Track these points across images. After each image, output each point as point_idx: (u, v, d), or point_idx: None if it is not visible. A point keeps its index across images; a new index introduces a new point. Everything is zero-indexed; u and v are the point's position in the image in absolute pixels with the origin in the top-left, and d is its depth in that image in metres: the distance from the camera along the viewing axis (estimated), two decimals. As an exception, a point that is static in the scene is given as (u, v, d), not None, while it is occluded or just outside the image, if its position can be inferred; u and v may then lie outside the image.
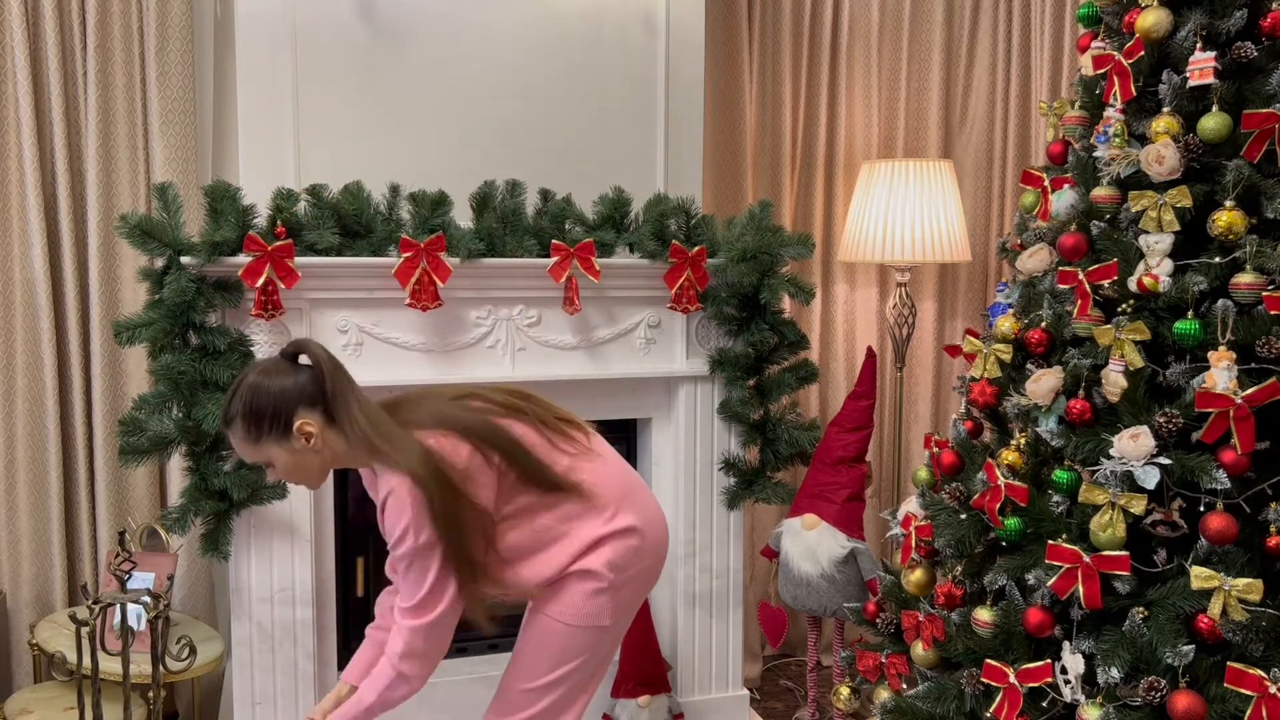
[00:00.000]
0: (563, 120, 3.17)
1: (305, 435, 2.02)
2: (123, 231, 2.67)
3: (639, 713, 3.07)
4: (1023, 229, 2.48)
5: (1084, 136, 2.33)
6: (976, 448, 2.43)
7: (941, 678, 2.29)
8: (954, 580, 2.29)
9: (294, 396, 2.01)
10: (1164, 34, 2.14)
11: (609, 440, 2.34)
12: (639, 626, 3.06)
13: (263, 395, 2.01)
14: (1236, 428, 1.91)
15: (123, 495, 3.24)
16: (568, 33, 3.15)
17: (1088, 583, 1.98)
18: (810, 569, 3.08)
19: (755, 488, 3.21)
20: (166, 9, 3.17)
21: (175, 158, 3.21)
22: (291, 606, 2.90)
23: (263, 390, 2.01)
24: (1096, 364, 2.12)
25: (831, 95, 3.83)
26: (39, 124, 3.10)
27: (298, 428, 2.01)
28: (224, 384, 2.73)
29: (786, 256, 3.03)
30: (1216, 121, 2.06)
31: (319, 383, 2.03)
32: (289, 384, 2.02)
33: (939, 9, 3.90)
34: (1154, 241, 2.07)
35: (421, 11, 3.03)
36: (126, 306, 3.18)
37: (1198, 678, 1.90)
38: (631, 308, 3.11)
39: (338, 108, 2.98)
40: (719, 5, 3.62)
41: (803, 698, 3.67)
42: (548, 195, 3.03)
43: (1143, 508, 1.97)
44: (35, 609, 3.18)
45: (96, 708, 2.45)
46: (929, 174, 3.55)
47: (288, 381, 2.02)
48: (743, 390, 3.17)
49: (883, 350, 3.92)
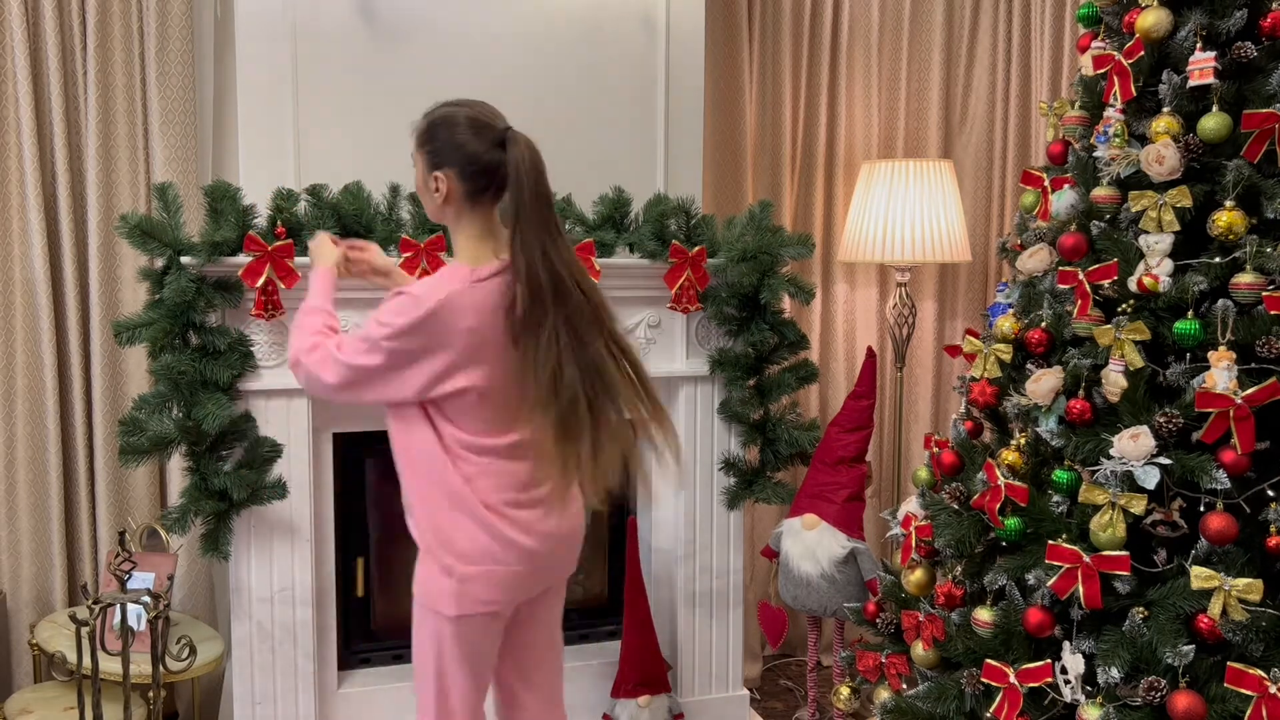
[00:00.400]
0: (563, 120, 3.17)
1: (437, 185, 2.06)
2: (123, 231, 2.68)
3: (639, 713, 3.07)
4: (1023, 229, 2.48)
5: (1084, 136, 2.33)
6: (976, 448, 2.43)
7: (941, 678, 2.29)
8: (954, 580, 2.29)
9: (458, 159, 2.03)
10: (1164, 34, 2.14)
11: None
12: (639, 626, 3.07)
13: (446, 130, 2.05)
14: (1236, 428, 1.91)
15: (123, 495, 3.24)
16: (568, 33, 3.15)
17: (1088, 583, 1.98)
18: (810, 569, 3.08)
19: (755, 488, 3.21)
20: (166, 9, 3.17)
21: (175, 158, 3.21)
22: (291, 606, 2.90)
23: (451, 127, 2.04)
24: (1096, 364, 2.12)
25: (831, 95, 3.83)
26: (39, 124, 3.10)
27: (435, 176, 2.06)
28: (224, 384, 2.73)
29: (786, 256, 3.03)
30: (1216, 121, 2.06)
31: (491, 174, 2.03)
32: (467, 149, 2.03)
33: (939, 9, 3.90)
34: (1154, 241, 2.07)
35: (421, 11, 3.03)
36: (126, 306, 3.18)
37: (1198, 678, 1.90)
38: (631, 308, 3.11)
39: (338, 108, 2.98)
40: (719, 5, 3.62)
41: (803, 698, 3.67)
42: (548, 195, 3.03)
43: (1143, 508, 1.97)
44: (35, 609, 3.18)
45: (96, 708, 2.45)
46: (929, 174, 3.55)
47: (471, 147, 2.03)
48: (743, 390, 3.17)
49: (883, 350, 3.92)
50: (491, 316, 2.02)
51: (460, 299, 2.00)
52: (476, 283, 2.02)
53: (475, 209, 2.07)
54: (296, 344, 2.13)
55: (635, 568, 3.08)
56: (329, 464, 2.97)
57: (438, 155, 2.06)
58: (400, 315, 1.98)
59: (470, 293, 2.01)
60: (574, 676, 3.23)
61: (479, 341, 2.01)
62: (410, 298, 1.99)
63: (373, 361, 2.01)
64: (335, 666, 3.04)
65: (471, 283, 2.02)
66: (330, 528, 2.99)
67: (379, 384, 2.03)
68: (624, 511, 3.36)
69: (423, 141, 2.09)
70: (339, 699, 3.03)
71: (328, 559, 2.99)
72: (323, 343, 2.10)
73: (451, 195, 2.06)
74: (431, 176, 2.07)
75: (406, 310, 1.98)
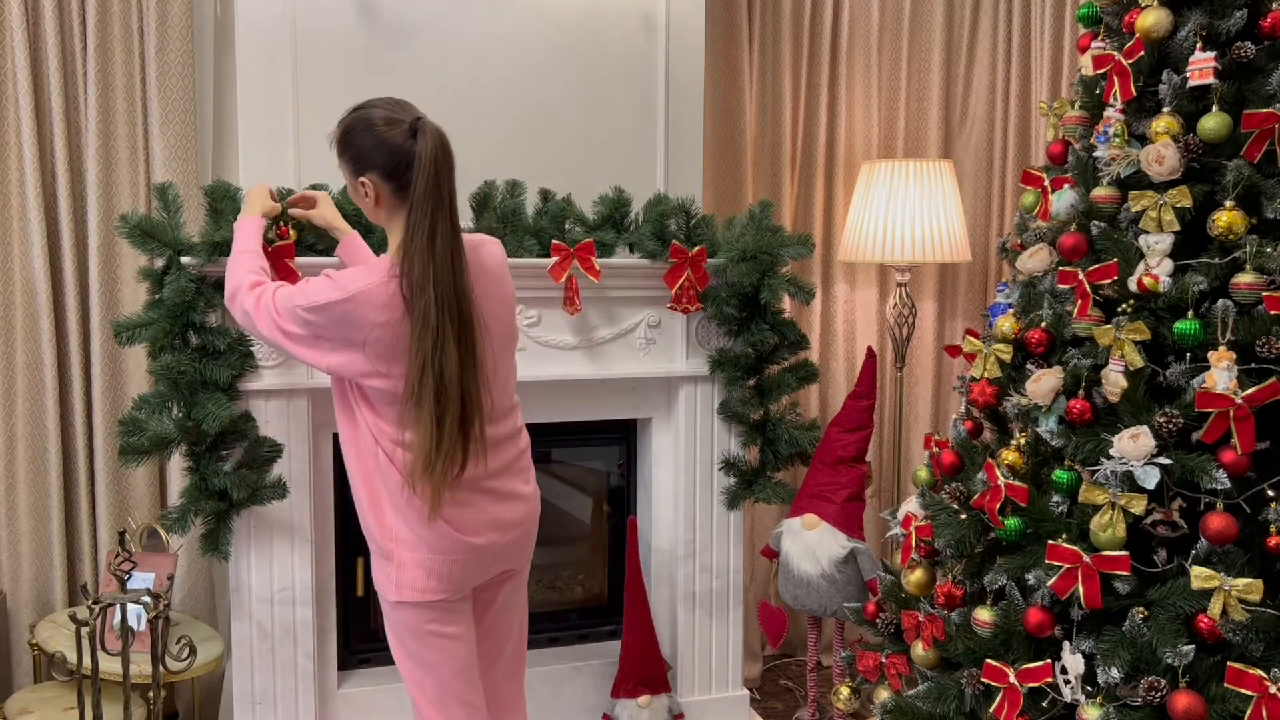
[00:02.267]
0: (563, 120, 3.17)
1: (364, 190, 2.08)
2: (123, 231, 2.68)
3: (639, 713, 3.07)
4: (1023, 229, 2.48)
5: (1084, 136, 2.33)
6: (976, 448, 2.43)
7: (941, 678, 2.29)
8: (954, 580, 2.29)
9: (378, 159, 2.04)
10: (1164, 34, 2.14)
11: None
12: (639, 626, 3.07)
13: (358, 136, 2.06)
14: (1236, 428, 1.91)
15: (123, 495, 3.24)
16: (568, 33, 3.15)
17: (1088, 583, 1.98)
18: (810, 569, 3.08)
19: (755, 488, 3.21)
20: (166, 9, 3.17)
21: (175, 158, 3.21)
22: (291, 606, 2.90)
23: (362, 132, 2.05)
24: (1096, 364, 2.12)
25: (831, 95, 3.83)
26: (39, 124, 3.10)
27: (361, 182, 2.08)
28: (224, 384, 2.73)
29: (786, 256, 3.03)
30: (1216, 121, 2.06)
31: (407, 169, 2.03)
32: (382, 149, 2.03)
33: (939, 9, 3.90)
34: (1154, 241, 2.07)
35: (421, 11, 3.03)
36: (126, 306, 3.18)
37: (1198, 678, 1.90)
38: (631, 308, 3.11)
39: (338, 108, 2.94)
40: (719, 5, 3.62)
41: (803, 698, 3.67)
42: (548, 195, 3.03)
43: (1143, 508, 1.97)
44: (35, 609, 3.18)
45: (96, 708, 2.45)
46: (929, 174, 3.55)
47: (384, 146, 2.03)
48: (743, 390, 3.17)
49: (883, 350, 3.92)
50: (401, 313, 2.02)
51: (376, 293, 2.00)
52: (394, 277, 2.02)
53: (404, 206, 2.06)
54: (234, 280, 2.18)
55: (635, 568, 3.08)
56: (329, 464, 2.97)
57: (358, 160, 2.07)
58: (319, 294, 2.01)
59: (388, 285, 2.01)
60: (574, 676, 3.24)
61: (391, 336, 2.01)
62: (332, 281, 2.03)
63: (291, 328, 2.06)
64: (335, 666, 3.04)
65: (390, 276, 2.02)
66: (330, 528, 2.99)
67: (300, 349, 2.07)
68: (624, 511, 3.36)
69: (342, 150, 2.10)
70: (339, 699, 3.03)
71: (328, 559, 2.99)
72: (260, 286, 2.14)
73: (381, 196, 2.08)
74: (359, 183, 2.08)
75: (326, 291, 2.01)
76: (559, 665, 3.23)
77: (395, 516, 2.12)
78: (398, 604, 2.14)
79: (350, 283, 2.01)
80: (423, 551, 2.11)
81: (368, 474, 2.14)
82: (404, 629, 2.17)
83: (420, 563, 2.12)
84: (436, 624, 2.15)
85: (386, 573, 2.15)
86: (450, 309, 1.99)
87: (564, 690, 3.21)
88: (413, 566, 2.12)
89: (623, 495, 3.39)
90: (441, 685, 2.18)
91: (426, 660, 2.17)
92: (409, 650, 2.18)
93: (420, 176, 2.00)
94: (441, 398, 1.99)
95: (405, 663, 2.20)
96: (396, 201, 2.07)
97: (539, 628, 3.25)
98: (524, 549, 2.27)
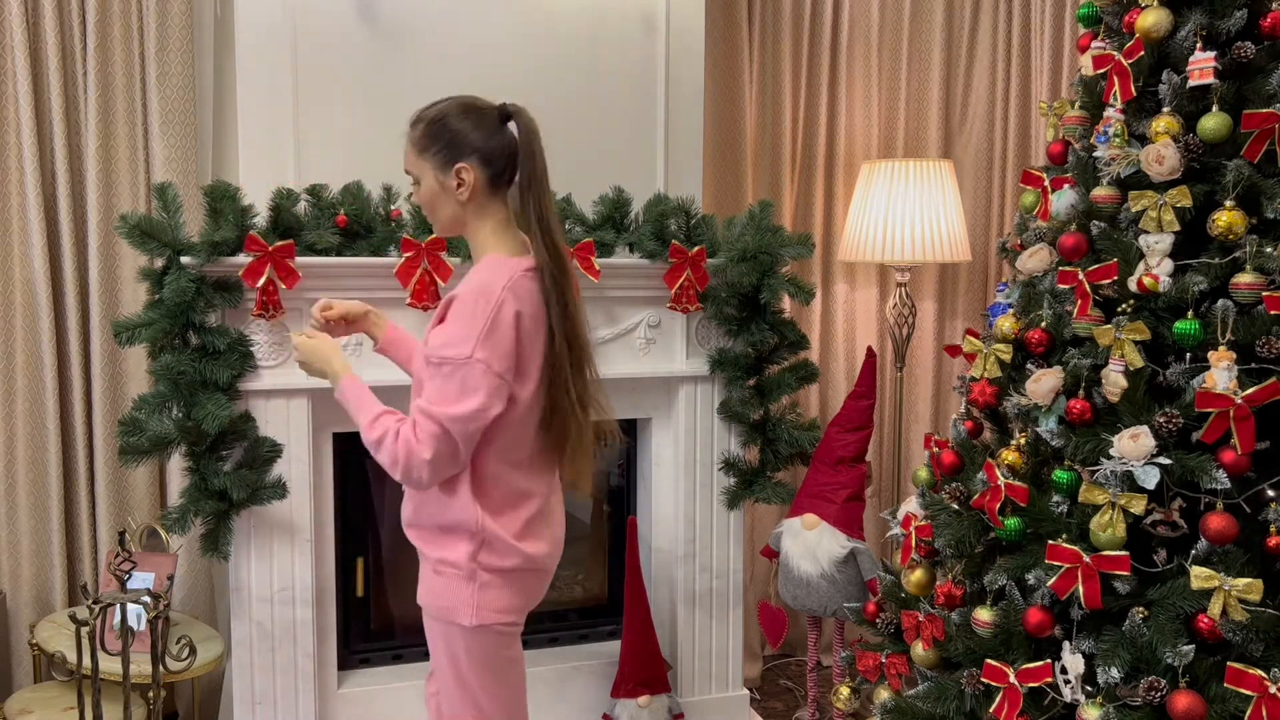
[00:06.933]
0: (563, 120, 3.17)
1: (460, 180, 1.99)
2: (123, 231, 2.68)
3: (639, 713, 3.07)
4: (1023, 229, 2.48)
5: (1084, 136, 2.33)
6: (976, 448, 2.43)
7: (941, 678, 2.29)
8: (954, 580, 2.29)
9: (475, 145, 1.98)
10: (1164, 34, 2.14)
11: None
12: (639, 626, 3.07)
13: (454, 121, 1.99)
14: (1236, 428, 1.91)
15: (123, 495, 3.24)
16: (568, 33, 3.15)
17: (1088, 583, 1.98)
18: (810, 569, 3.08)
19: (755, 488, 3.21)
20: (166, 9, 3.17)
21: (175, 158, 3.21)
22: (291, 606, 2.90)
23: (457, 118, 1.99)
24: (1096, 364, 2.12)
25: (831, 95, 3.83)
26: (39, 124, 3.10)
27: (457, 170, 1.98)
28: (224, 384, 2.73)
29: (786, 256, 3.03)
30: (1216, 121, 2.06)
31: (508, 154, 1.99)
32: (480, 133, 1.98)
33: (939, 9, 3.90)
34: (1154, 241, 2.07)
35: (421, 12, 3.03)
36: (126, 306, 3.18)
37: (1198, 678, 1.90)
38: (631, 308, 3.11)
39: (338, 108, 2.98)
40: (719, 5, 3.62)
41: (803, 698, 3.67)
42: (548, 195, 3.03)
43: (1143, 508, 1.97)
44: (35, 609, 3.18)
45: (96, 708, 2.45)
46: (929, 174, 3.55)
47: (482, 130, 1.99)
48: (743, 390, 3.17)
49: (883, 350, 3.92)
50: (539, 311, 1.97)
51: (519, 286, 1.95)
52: (526, 273, 1.97)
53: (494, 197, 2.02)
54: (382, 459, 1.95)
55: (635, 568, 3.08)
56: (329, 464, 2.97)
57: (454, 146, 1.99)
58: (474, 318, 1.88)
59: (524, 281, 1.96)
60: (574, 676, 3.24)
61: (529, 340, 1.96)
62: (470, 295, 1.90)
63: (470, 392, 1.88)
64: (335, 666, 3.04)
65: (523, 271, 1.97)
66: (330, 528, 2.99)
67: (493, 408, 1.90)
68: (624, 511, 3.36)
69: (427, 145, 2.00)
70: (339, 699, 3.03)
71: (328, 559, 2.99)
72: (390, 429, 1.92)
73: (477, 186, 2.00)
74: (453, 173, 1.99)
75: (477, 309, 1.89)
76: (559, 665, 3.23)
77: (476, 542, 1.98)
78: (477, 629, 1.99)
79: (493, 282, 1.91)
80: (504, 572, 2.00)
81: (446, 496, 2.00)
82: (481, 658, 2.02)
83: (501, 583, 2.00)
84: (509, 650, 2.06)
85: (462, 596, 1.98)
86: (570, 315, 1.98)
87: (564, 690, 3.21)
88: (495, 588, 1.99)
89: (623, 495, 3.39)
90: (507, 713, 2.07)
91: (499, 689, 2.05)
92: (482, 680, 2.03)
93: (529, 160, 1.95)
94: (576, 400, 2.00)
95: (472, 692, 2.04)
96: (489, 193, 2.01)
97: (539, 628, 3.26)
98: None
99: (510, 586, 2.02)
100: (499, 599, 2.01)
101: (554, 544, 2.12)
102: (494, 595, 2.00)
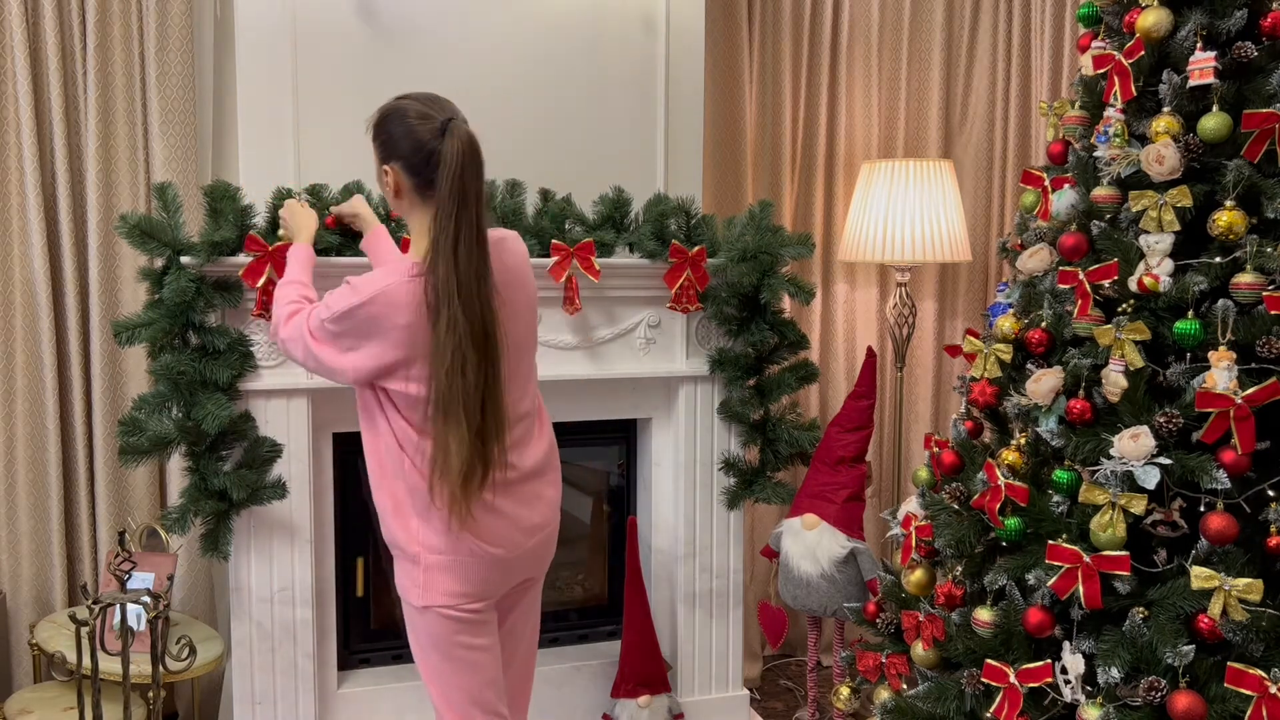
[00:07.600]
0: (563, 120, 3.17)
1: (386, 177, 2.09)
2: (123, 231, 2.68)
3: (639, 713, 3.07)
4: (1023, 229, 2.48)
5: (1084, 136, 2.33)
6: (976, 448, 2.42)
7: (941, 678, 2.29)
8: (954, 580, 2.29)
9: (404, 151, 2.04)
10: (1164, 34, 2.14)
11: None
12: (639, 626, 3.07)
13: (391, 124, 2.06)
14: (1237, 428, 1.91)
15: (123, 495, 3.24)
16: (568, 33, 3.15)
17: (1088, 583, 1.98)
18: (810, 569, 3.07)
19: (755, 488, 3.21)
20: (166, 9, 3.17)
21: (175, 158, 3.21)
22: (291, 606, 2.90)
23: (396, 121, 2.05)
24: (1097, 364, 2.12)
25: (831, 95, 3.83)
26: (39, 124, 3.10)
27: (384, 169, 2.08)
28: (224, 384, 2.73)
29: (786, 256, 3.03)
30: (1217, 121, 2.06)
31: (434, 166, 2.01)
32: (409, 142, 2.03)
33: (939, 9, 3.90)
34: (1154, 241, 2.07)
35: (421, 11, 3.03)
36: (126, 306, 3.18)
37: (1198, 678, 1.90)
38: (631, 308, 3.11)
39: (338, 108, 2.97)
40: (719, 5, 3.62)
41: (803, 698, 3.67)
42: (548, 195, 3.03)
43: (1143, 508, 1.97)
44: (35, 609, 3.18)
45: (96, 708, 2.45)
46: (929, 174, 3.55)
47: (411, 140, 2.03)
48: (743, 390, 3.17)
49: (883, 350, 3.92)
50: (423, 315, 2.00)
51: (396, 293, 1.99)
52: (415, 277, 2.00)
53: (426, 201, 2.05)
54: (275, 315, 2.18)
55: (635, 568, 3.08)
56: (329, 464, 2.97)
57: (386, 148, 2.07)
58: (340, 302, 2.01)
59: (409, 286, 2.00)
60: (574, 676, 3.24)
61: (411, 338, 2.00)
62: (350, 287, 2.02)
63: (319, 343, 2.06)
64: (335, 666, 3.04)
65: (410, 277, 2.00)
66: (330, 528, 2.99)
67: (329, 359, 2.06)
68: (624, 511, 3.36)
69: (375, 135, 2.10)
70: (339, 699, 3.03)
71: (328, 559, 2.99)
72: (298, 313, 2.13)
73: (401, 188, 2.07)
74: (382, 169, 2.09)
75: (345, 298, 2.01)
76: (559, 665, 3.23)
77: (420, 522, 2.09)
78: (425, 609, 2.10)
79: (367, 286, 2.00)
80: (448, 555, 2.08)
81: (390, 480, 2.10)
82: (431, 639, 2.12)
83: (446, 566, 2.08)
84: (465, 635, 2.12)
85: (413, 577, 2.11)
86: (474, 323, 1.97)
87: (564, 690, 3.21)
88: (439, 571, 2.08)
89: (623, 495, 3.39)
90: (471, 697, 2.14)
91: (454, 671, 2.13)
92: (436, 661, 2.14)
93: (445, 177, 1.98)
94: (461, 413, 1.97)
95: (432, 672, 2.16)
96: (417, 197, 2.06)
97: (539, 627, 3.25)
98: (544, 558, 2.26)
99: (453, 571, 2.09)
100: (444, 582, 2.09)
101: (498, 538, 2.11)
102: (439, 578, 2.09)
